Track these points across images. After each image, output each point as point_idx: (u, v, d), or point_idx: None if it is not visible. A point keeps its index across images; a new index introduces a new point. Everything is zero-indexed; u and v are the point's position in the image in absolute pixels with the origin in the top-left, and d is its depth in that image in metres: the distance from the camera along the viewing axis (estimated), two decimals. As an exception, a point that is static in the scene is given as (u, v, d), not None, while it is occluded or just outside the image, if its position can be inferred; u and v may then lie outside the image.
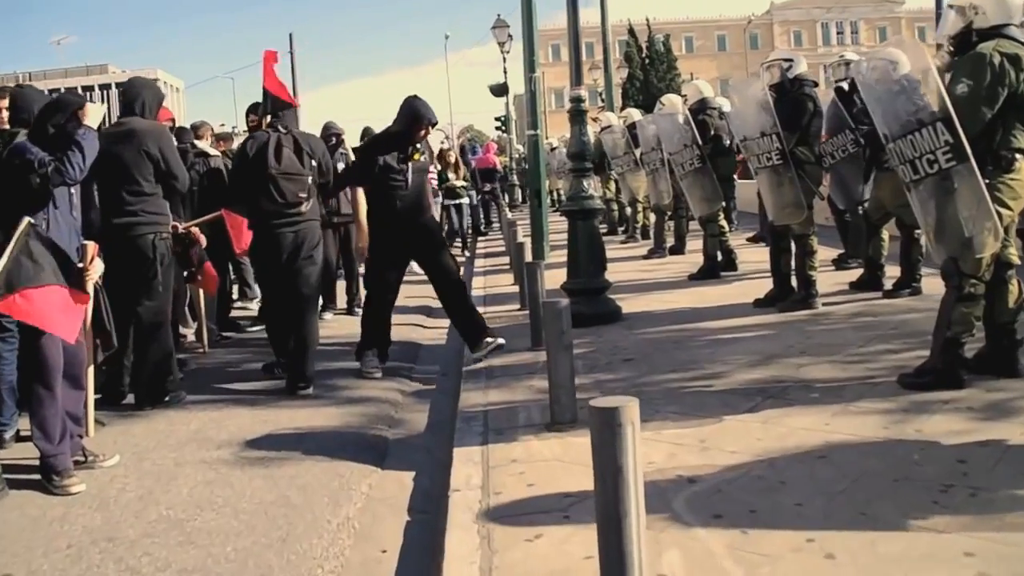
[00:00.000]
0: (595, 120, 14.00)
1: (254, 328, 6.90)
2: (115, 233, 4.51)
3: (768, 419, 3.50)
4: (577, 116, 5.83)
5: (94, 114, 3.75)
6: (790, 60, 5.77)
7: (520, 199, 22.65)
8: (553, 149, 19.02)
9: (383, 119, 6.10)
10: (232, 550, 2.84)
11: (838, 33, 63.46)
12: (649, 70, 49.87)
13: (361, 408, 4.54)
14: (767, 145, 5.49)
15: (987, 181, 3.41)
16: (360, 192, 5.44)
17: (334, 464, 3.62)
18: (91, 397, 4.19)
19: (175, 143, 4.99)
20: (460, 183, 12.81)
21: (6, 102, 4.12)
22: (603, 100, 21.71)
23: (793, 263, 5.84)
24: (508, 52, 20.21)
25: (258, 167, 4.95)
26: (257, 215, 5.06)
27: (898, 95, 3.68)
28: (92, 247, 4.06)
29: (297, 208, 4.99)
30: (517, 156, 25.22)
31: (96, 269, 4.04)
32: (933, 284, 5.78)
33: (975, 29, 3.55)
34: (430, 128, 5.13)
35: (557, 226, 12.81)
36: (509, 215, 13.79)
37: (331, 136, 7.15)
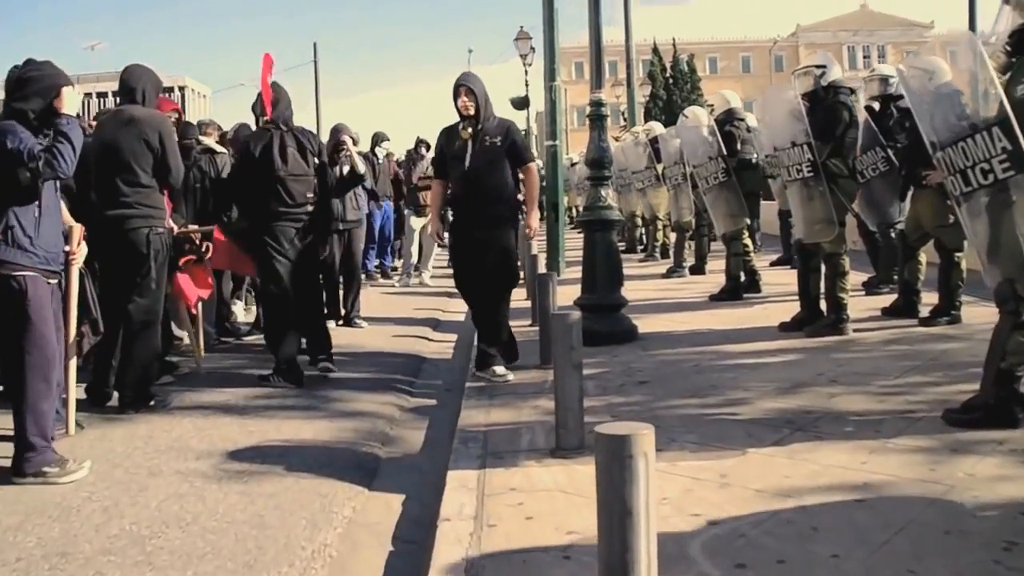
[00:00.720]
0: (616, 140, 13.74)
1: (250, 336, 6.66)
2: (107, 225, 4.30)
3: (797, 454, 3.16)
4: (597, 121, 5.53)
5: (72, 100, 3.48)
6: (823, 66, 5.42)
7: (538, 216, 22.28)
8: (573, 164, 18.75)
9: (407, 131, 5.93)
10: (192, 574, 2.54)
11: (864, 57, 62.60)
12: (673, 90, 49.63)
13: (354, 422, 4.24)
14: (798, 156, 5.16)
15: None
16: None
17: (318, 482, 3.33)
18: (72, 393, 3.96)
19: (176, 135, 4.76)
20: None
21: None
22: (625, 119, 21.51)
23: (823, 284, 5.48)
24: (531, 65, 20.02)
25: (265, 168, 4.93)
26: (264, 215, 4.98)
27: (945, 99, 3.36)
28: (78, 229, 3.86)
29: (304, 208, 5.06)
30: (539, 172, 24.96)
31: (81, 252, 3.83)
32: (973, 313, 5.46)
33: None
34: (461, 91, 4.77)
35: (574, 243, 12.51)
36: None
37: (338, 140, 6.86)
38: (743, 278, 7.33)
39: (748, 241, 7.41)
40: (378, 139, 10.20)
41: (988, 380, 3.28)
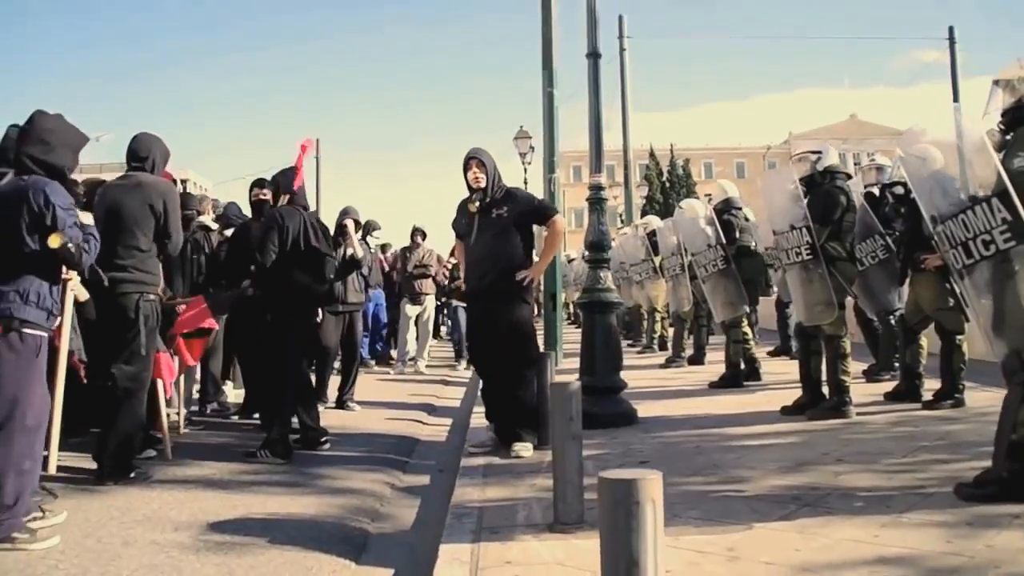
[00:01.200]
0: (614, 238, 13.91)
1: (235, 417, 6.51)
2: (99, 286, 4.22)
3: (806, 528, 3.01)
4: (596, 204, 5.60)
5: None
6: (819, 152, 5.55)
7: (536, 312, 22.23)
8: (571, 261, 18.94)
9: (404, 229, 6.17)
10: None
11: (855, 164, 64.72)
12: (669, 192, 50.81)
13: (343, 499, 4.07)
14: (797, 239, 5.20)
15: None
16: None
17: (302, 555, 3.15)
18: (56, 434, 3.83)
19: (179, 204, 4.80)
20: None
21: None
22: (623, 220, 21.87)
23: (824, 368, 5.41)
24: (530, 164, 20.43)
25: (300, 244, 5.08)
26: (290, 288, 5.06)
27: (942, 179, 3.40)
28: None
29: (323, 286, 5.34)
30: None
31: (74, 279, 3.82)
32: (977, 397, 5.37)
33: None
34: (471, 164, 4.86)
35: (571, 336, 12.46)
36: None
37: (342, 223, 6.93)
38: (743, 366, 7.24)
39: (748, 329, 7.36)
40: (370, 227, 10.27)
41: (1000, 453, 3.17)
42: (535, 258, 5.29)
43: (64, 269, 3.58)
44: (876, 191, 6.31)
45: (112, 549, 3.20)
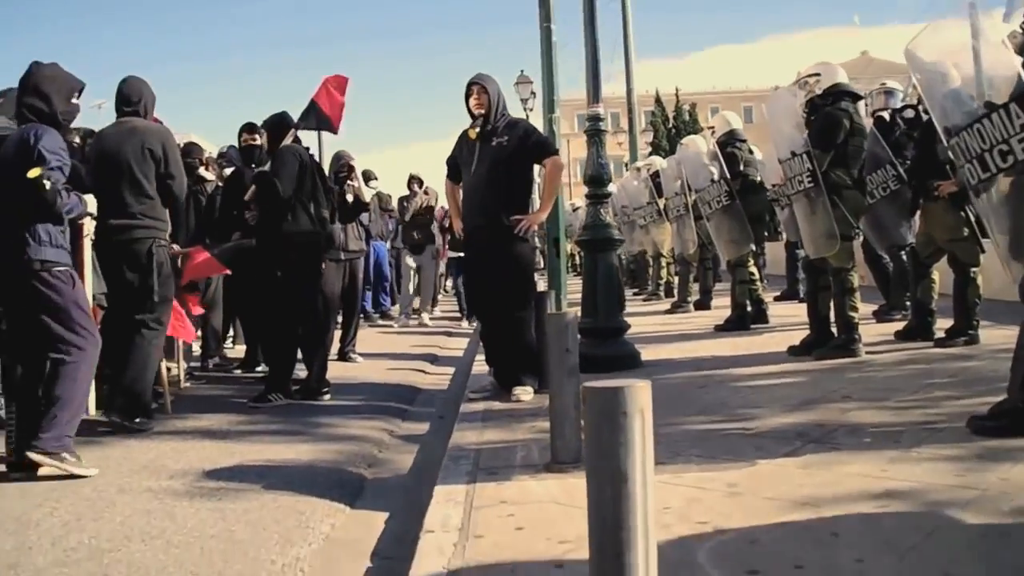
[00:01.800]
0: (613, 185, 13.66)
1: (238, 371, 6.47)
2: (111, 234, 4.27)
3: (811, 464, 2.91)
4: (595, 137, 5.39)
5: None
6: (817, 75, 5.26)
7: (540, 263, 21.91)
8: (575, 209, 18.70)
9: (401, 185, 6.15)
10: (149, 590, 2.30)
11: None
12: (675, 140, 50.01)
13: (340, 446, 4.01)
14: (799, 166, 4.98)
15: None
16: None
17: (297, 500, 3.09)
18: None
19: (178, 148, 4.71)
20: None
21: None
22: (628, 168, 21.48)
23: (832, 305, 5.26)
24: (531, 110, 20.03)
25: (317, 184, 5.08)
26: (312, 226, 5.03)
27: (958, 91, 3.19)
28: None
29: (328, 228, 5.37)
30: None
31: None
32: (991, 334, 5.22)
33: None
34: (473, 89, 4.65)
35: (575, 287, 12.33)
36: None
37: (341, 166, 6.76)
38: (749, 308, 7.11)
39: (754, 269, 7.20)
40: (367, 176, 10.10)
41: (1016, 384, 3.04)
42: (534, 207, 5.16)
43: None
44: (887, 115, 6.05)
45: (107, 496, 3.16)
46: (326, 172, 5.99)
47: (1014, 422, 2.98)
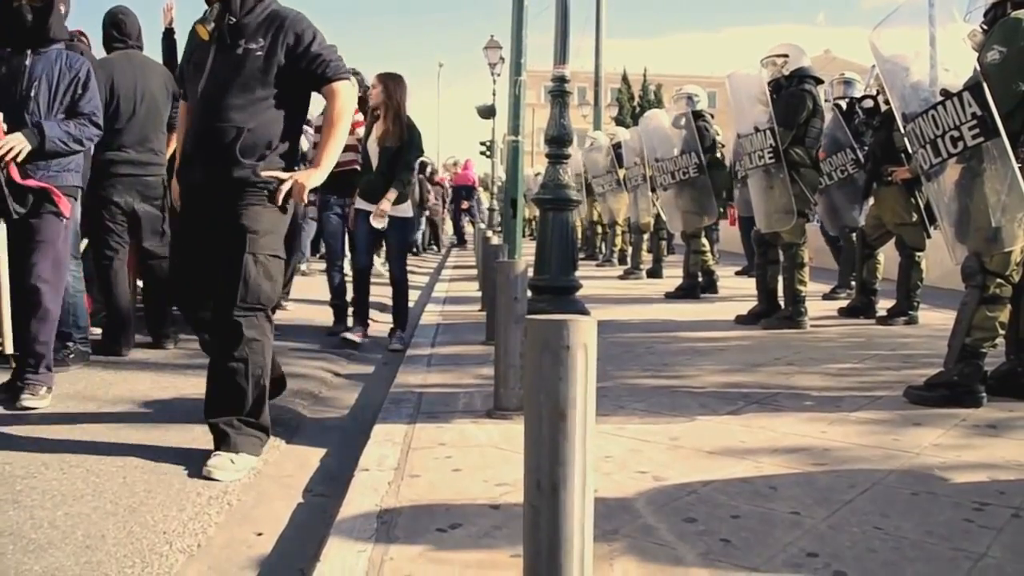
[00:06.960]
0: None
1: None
2: (128, 168, 4.24)
3: (753, 422, 2.94)
4: (559, 98, 5.30)
5: None
6: (785, 56, 5.28)
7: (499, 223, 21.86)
8: (538, 175, 18.59)
9: None
10: (63, 514, 2.19)
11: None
12: (639, 117, 50.13)
13: (280, 384, 3.90)
14: (760, 142, 5.00)
15: (1020, 165, 2.91)
16: None
17: (229, 434, 2.98)
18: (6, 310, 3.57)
19: None
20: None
21: None
22: (589, 138, 21.41)
23: (780, 278, 5.33)
24: (500, 75, 19.74)
25: None
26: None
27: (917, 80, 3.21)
28: None
29: None
30: (500, 184, 24.60)
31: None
32: (930, 317, 5.36)
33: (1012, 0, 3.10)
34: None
35: (529, 250, 12.29)
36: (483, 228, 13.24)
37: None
38: (700, 278, 7.17)
39: (705, 240, 7.25)
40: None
41: (952, 357, 3.11)
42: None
43: None
44: (844, 104, 6.12)
45: (28, 424, 3.02)
46: None
47: (949, 393, 3.04)
